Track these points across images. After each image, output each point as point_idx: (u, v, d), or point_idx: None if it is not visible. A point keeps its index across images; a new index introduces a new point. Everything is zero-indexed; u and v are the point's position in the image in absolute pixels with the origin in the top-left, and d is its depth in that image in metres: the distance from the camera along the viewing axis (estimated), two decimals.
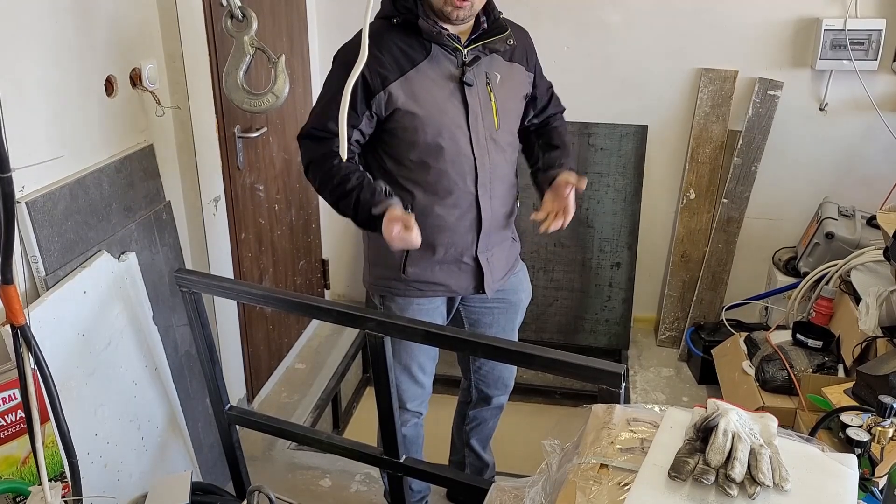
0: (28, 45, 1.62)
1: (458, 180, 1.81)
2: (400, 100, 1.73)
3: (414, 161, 1.80)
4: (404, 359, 1.99)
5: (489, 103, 1.81)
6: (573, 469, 1.07)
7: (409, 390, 2.05)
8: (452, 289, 1.93)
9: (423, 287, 1.91)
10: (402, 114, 1.74)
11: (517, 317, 2.13)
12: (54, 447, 1.57)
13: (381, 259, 1.92)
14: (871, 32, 2.81)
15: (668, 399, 2.99)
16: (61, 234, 1.73)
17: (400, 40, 1.74)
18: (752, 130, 3.02)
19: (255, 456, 2.59)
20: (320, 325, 3.46)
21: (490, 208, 1.87)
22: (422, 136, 1.76)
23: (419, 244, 1.68)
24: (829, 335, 2.51)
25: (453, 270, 1.90)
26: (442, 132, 1.77)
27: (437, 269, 1.89)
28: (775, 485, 0.99)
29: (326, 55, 3.24)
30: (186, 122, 2.23)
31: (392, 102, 1.73)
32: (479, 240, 1.88)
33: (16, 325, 1.27)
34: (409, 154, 1.79)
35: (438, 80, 1.76)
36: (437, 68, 1.76)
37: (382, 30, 1.75)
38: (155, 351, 2.04)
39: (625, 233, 3.22)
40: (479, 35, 1.79)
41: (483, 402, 2.24)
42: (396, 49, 1.74)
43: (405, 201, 1.81)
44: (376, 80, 1.72)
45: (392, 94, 1.73)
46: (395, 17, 1.75)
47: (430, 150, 1.78)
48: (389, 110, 1.75)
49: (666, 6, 2.98)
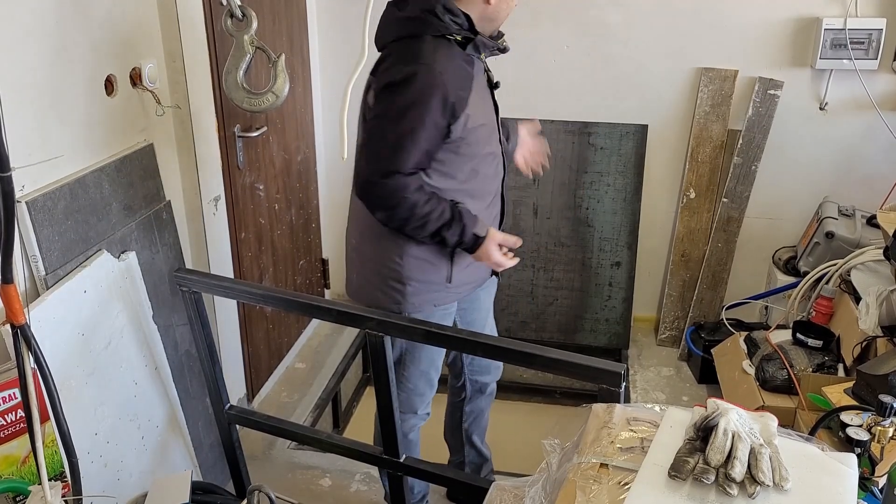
0: (28, 44, 1.62)
1: (494, 180, 1.88)
2: (477, 117, 1.73)
3: (466, 173, 1.79)
4: (425, 365, 1.99)
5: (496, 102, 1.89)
6: (573, 468, 1.07)
7: (425, 394, 2.05)
8: (480, 281, 1.99)
9: (462, 289, 1.94)
10: (475, 129, 1.74)
11: (493, 288, 2.18)
12: (54, 446, 1.57)
13: (428, 277, 1.87)
14: (872, 32, 2.81)
15: (668, 398, 2.99)
16: (61, 233, 1.73)
17: (458, 57, 1.72)
18: (752, 130, 3.02)
19: (255, 455, 2.59)
20: (320, 325, 3.46)
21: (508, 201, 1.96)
22: (482, 148, 1.78)
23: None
24: (829, 334, 2.51)
25: (482, 265, 1.92)
26: (491, 139, 1.81)
27: (473, 266, 1.91)
28: (775, 484, 0.99)
29: (326, 55, 3.27)
30: (186, 122, 2.23)
31: (472, 120, 1.72)
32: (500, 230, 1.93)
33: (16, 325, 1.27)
34: (465, 167, 1.78)
35: (481, 89, 1.79)
36: (479, 77, 1.78)
37: (446, 48, 1.69)
38: (155, 350, 2.04)
39: (625, 232, 3.22)
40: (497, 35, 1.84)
41: (479, 393, 2.25)
42: (459, 68, 1.70)
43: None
44: (461, 105, 1.68)
45: (470, 114, 1.71)
46: (450, 35, 1.70)
47: (483, 158, 1.80)
48: (470, 127, 1.72)
49: (666, 6, 2.98)
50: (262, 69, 2.19)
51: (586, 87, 3.12)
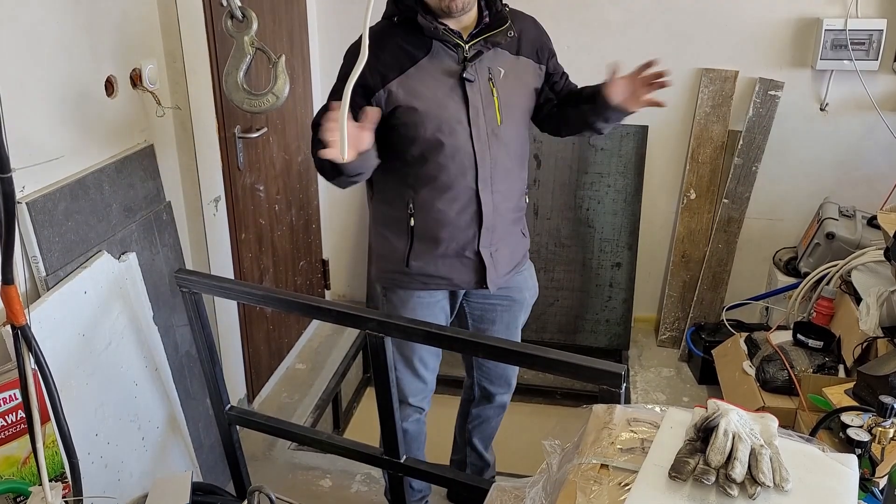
0: (28, 45, 1.62)
1: (458, 175, 1.82)
2: (400, 97, 1.75)
3: (415, 156, 1.81)
4: (405, 351, 2.00)
5: (491, 98, 1.81)
6: (573, 469, 1.07)
7: (411, 384, 2.05)
8: (455, 282, 1.94)
9: (427, 280, 1.92)
10: (402, 110, 1.77)
11: (521, 315, 2.12)
12: (55, 447, 1.57)
13: (387, 252, 1.94)
14: (872, 32, 2.81)
15: (669, 399, 2.99)
16: (62, 234, 1.73)
17: (402, 39, 1.76)
18: (753, 130, 3.02)
19: (256, 456, 2.59)
20: (320, 326, 3.46)
21: (491, 203, 1.87)
22: (422, 132, 1.78)
23: (341, 158, 1.53)
24: (830, 335, 2.51)
25: (455, 265, 1.91)
26: (441, 127, 1.78)
27: (440, 262, 1.90)
28: (776, 485, 0.99)
29: (327, 55, 3.27)
30: (187, 123, 2.23)
31: (392, 100, 1.76)
32: (482, 234, 1.88)
33: (16, 326, 1.27)
34: (410, 149, 1.81)
35: (438, 77, 1.77)
36: (437, 64, 1.77)
37: (385, 29, 1.78)
38: (155, 351, 2.04)
39: (625, 233, 3.22)
40: (481, 29, 1.79)
41: (485, 400, 2.24)
42: (397, 48, 1.76)
43: (406, 197, 1.85)
44: (376, 79, 1.74)
45: (392, 91, 1.75)
46: (396, 16, 1.78)
47: (429, 145, 1.79)
48: (391, 107, 1.77)
49: (666, 6, 2.98)
50: (263, 70, 2.19)
51: None
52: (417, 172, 1.83)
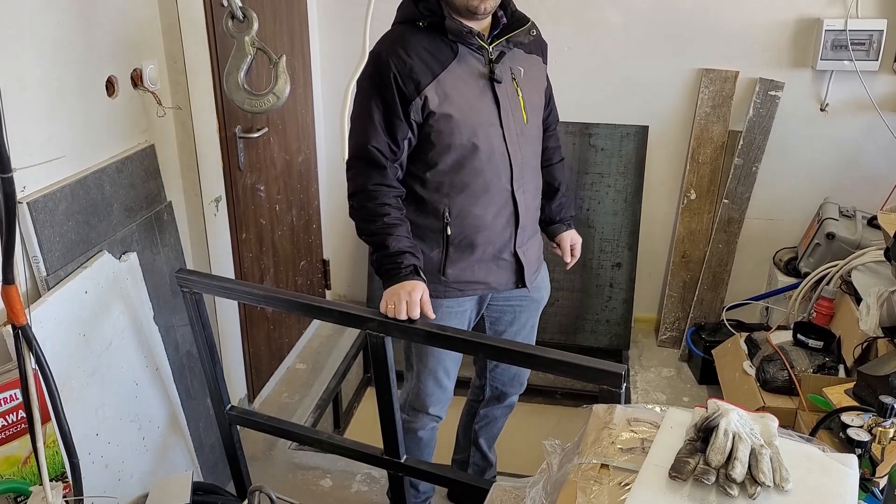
0: (29, 45, 1.62)
1: (494, 178, 1.81)
2: (434, 103, 1.71)
3: (449, 164, 1.78)
4: (431, 363, 1.98)
5: (517, 98, 1.81)
6: (574, 469, 1.08)
7: (434, 394, 2.03)
8: (492, 285, 1.92)
9: (463, 287, 1.89)
10: (437, 117, 1.73)
11: (538, 314, 2.12)
12: (55, 447, 1.57)
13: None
14: (872, 33, 2.81)
15: (669, 399, 2.99)
16: (62, 234, 1.73)
17: (427, 43, 1.72)
18: (753, 131, 3.02)
19: (256, 456, 2.59)
20: (321, 326, 3.46)
21: (524, 202, 1.87)
22: (458, 138, 1.75)
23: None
24: (830, 335, 2.51)
25: (492, 268, 1.89)
26: (477, 132, 1.76)
27: (476, 267, 1.88)
28: (776, 485, 0.99)
29: (327, 55, 3.27)
30: (187, 123, 2.23)
31: (427, 106, 1.71)
32: (517, 235, 1.88)
33: (17, 326, 1.27)
34: (445, 157, 1.77)
35: (469, 80, 1.75)
36: (466, 67, 1.75)
37: (408, 34, 1.73)
38: (156, 351, 2.04)
39: (625, 233, 3.22)
40: (502, 30, 1.79)
41: (496, 401, 2.23)
42: (425, 52, 1.71)
43: (441, 206, 1.81)
44: (410, 87, 1.69)
45: (427, 97, 1.71)
46: (420, 20, 1.73)
47: (465, 150, 1.76)
48: (425, 115, 1.73)
49: (666, 6, 2.98)
50: (263, 70, 2.19)
51: (586, 87, 3.12)
52: (453, 180, 1.79)
